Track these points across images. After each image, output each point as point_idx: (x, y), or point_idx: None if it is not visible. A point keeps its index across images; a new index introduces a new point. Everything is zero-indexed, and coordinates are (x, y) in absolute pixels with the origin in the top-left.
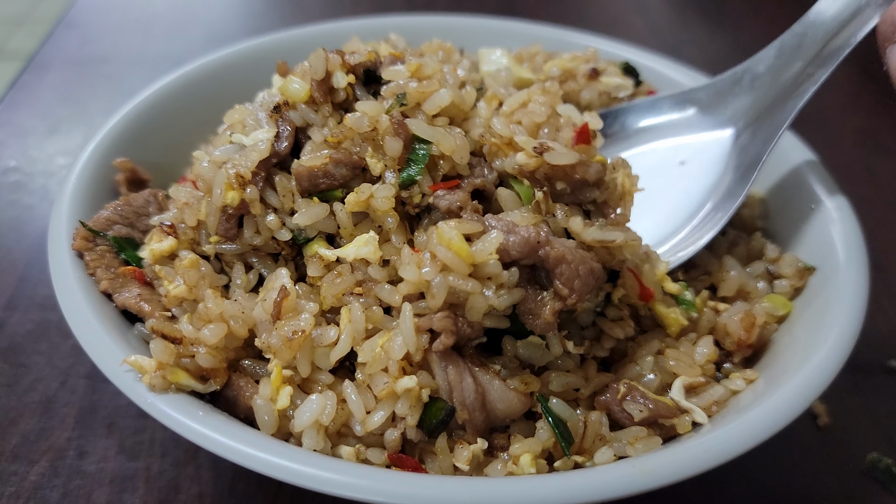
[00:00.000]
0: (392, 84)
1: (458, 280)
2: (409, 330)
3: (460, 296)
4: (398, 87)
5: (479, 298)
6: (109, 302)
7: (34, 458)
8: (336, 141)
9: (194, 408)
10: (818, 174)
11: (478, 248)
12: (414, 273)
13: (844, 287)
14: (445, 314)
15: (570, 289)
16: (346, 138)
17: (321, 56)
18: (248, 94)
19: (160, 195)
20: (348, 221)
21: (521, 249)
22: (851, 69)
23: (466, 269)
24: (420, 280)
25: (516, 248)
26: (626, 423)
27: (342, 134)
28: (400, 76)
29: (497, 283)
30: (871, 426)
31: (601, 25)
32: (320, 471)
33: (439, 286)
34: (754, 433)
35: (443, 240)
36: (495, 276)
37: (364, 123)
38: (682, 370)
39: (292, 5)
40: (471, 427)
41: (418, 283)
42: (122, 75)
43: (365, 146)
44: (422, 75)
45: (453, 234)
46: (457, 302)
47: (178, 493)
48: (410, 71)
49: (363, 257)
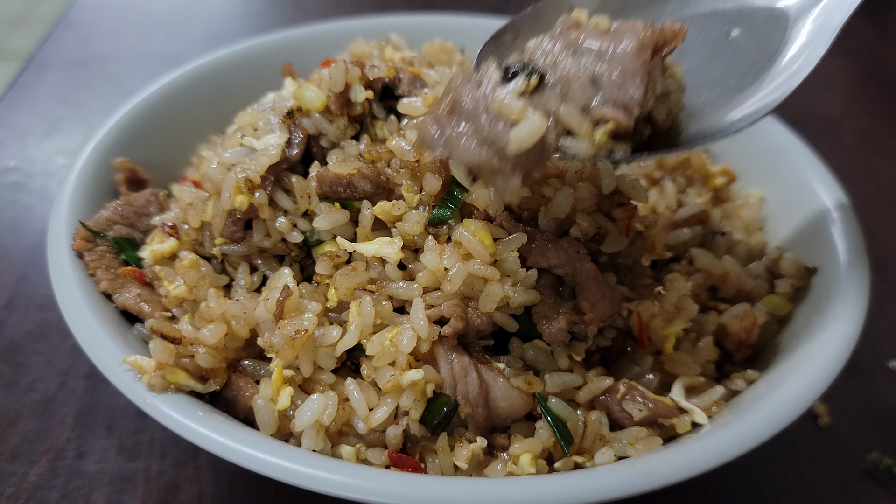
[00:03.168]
0: (413, 121)
1: (477, 266)
2: (419, 319)
3: (476, 287)
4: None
5: (495, 286)
6: (109, 302)
7: (33, 458)
8: (372, 159)
9: (194, 408)
10: (818, 174)
11: (500, 247)
12: (435, 260)
13: (845, 287)
14: (456, 301)
15: (592, 308)
16: (382, 159)
17: (341, 68)
18: (248, 95)
19: (161, 195)
20: (369, 224)
21: (560, 257)
22: (852, 69)
23: (488, 258)
24: (439, 268)
25: (554, 254)
26: (625, 423)
27: (380, 154)
28: (417, 111)
29: (514, 280)
30: (871, 426)
31: None
32: (319, 471)
33: (457, 272)
34: (755, 433)
35: (468, 228)
36: (513, 273)
37: (409, 152)
38: (683, 370)
39: (292, 5)
40: (472, 423)
41: (437, 272)
42: (121, 75)
43: (403, 173)
44: None
45: (479, 224)
46: (471, 294)
47: (178, 494)
48: (428, 105)
49: (382, 256)
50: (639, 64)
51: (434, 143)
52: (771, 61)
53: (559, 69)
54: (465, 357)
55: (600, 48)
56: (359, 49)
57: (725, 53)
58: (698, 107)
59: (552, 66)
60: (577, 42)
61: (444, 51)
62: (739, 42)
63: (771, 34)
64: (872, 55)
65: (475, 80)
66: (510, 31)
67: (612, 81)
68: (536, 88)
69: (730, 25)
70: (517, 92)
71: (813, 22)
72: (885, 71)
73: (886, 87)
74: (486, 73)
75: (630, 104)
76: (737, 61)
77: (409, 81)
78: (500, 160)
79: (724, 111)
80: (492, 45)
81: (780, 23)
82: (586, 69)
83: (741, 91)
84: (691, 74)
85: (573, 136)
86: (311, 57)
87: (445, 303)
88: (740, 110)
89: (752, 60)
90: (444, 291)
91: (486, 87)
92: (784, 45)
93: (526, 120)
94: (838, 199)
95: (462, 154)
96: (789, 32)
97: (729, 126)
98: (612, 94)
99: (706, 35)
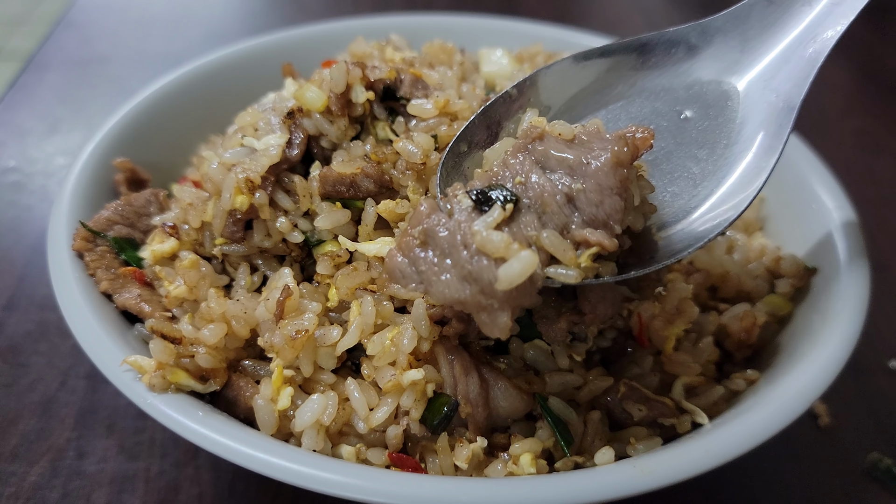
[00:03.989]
0: (423, 124)
1: None
2: (421, 318)
3: None
4: (428, 128)
5: None
6: (109, 302)
7: (34, 458)
8: (378, 160)
9: (194, 408)
10: (818, 174)
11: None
12: None
13: (845, 287)
14: None
15: (592, 309)
16: (388, 160)
17: (343, 69)
18: (247, 95)
19: (161, 195)
20: (372, 222)
21: None
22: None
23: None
24: None
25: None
26: (626, 423)
27: (386, 156)
28: (427, 114)
29: None
30: (871, 426)
31: (602, 25)
32: (320, 471)
33: None
34: (755, 433)
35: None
36: None
37: (417, 155)
38: (683, 370)
39: (293, 5)
40: (473, 423)
41: None
42: (121, 75)
43: (408, 174)
44: (449, 111)
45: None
46: None
47: (178, 494)
48: (438, 108)
49: (383, 256)
50: (615, 181)
51: (407, 278)
52: (728, 145)
53: (531, 189)
54: (465, 357)
55: (572, 162)
56: (359, 49)
57: (682, 138)
58: (665, 204)
59: (523, 185)
60: (545, 156)
61: (444, 51)
62: (694, 124)
63: (723, 112)
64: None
65: (444, 208)
66: (463, 140)
67: (590, 199)
68: (513, 213)
69: (682, 105)
70: (494, 223)
71: (766, 102)
72: (885, 71)
73: (886, 87)
74: (456, 200)
75: (610, 223)
76: (695, 146)
77: (411, 83)
78: (488, 297)
79: (691, 208)
80: (449, 157)
81: (731, 100)
82: (560, 187)
83: (703, 181)
84: (653, 166)
85: (558, 263)
86: (311, 57)
87: None
88: (706, 209)
89: (710, 144)
90: None
91: (459, 217)
92: (741, 125)
93: (516, 257)
94: (838, 199)
95: (442, 291)
96: (744, 111)
97: (700, 236)
98: (591, 212)
99: (660, 118)
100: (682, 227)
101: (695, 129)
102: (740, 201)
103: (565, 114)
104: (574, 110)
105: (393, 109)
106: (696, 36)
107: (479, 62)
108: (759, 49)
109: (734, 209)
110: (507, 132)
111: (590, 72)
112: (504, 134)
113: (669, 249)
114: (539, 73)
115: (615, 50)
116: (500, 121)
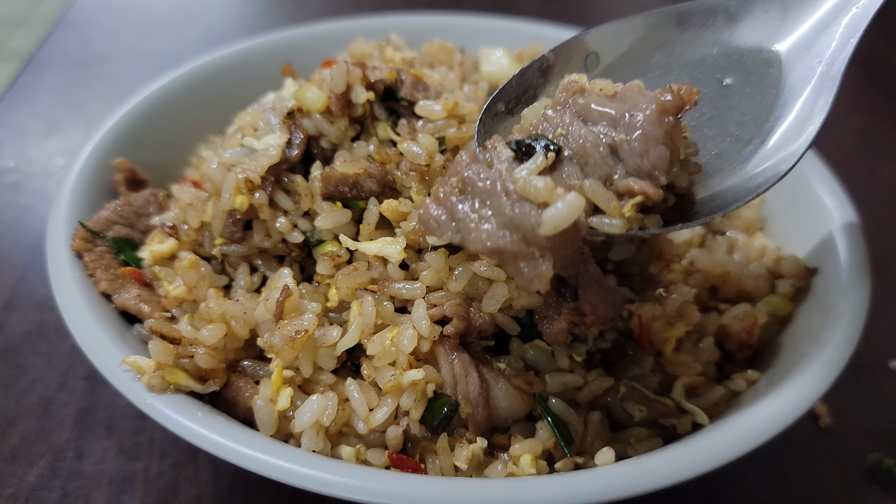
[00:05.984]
0: (430, 125)
1: (483, 267)
2: (421, 317)
3: (480, 287)
4: (436, 129)
5: (500, 287)
6: (108, 303)
7: (33, 459)
8: (381, 161)
9: (193, 409)
10: (819, 174)
11: None
12: (440, 260)
13: (846, 287)
14: (458, 301)
15: (593, 310)
16: (391, 161)
17: (343, 69)
18: (247, 95)
19: (160, 195)
20: (374, 221)
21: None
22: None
23: (493, 259)
24: (444, 267)
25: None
26: (626, 423)
27: (389, 157)
28: (436, 115)
29: None
30: (872, 427)
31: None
32: (319, 472)
33: (463, 272)
34: (756, 434)
35: None
36: None
37: (421, 156)
38: (683, 371)
39: (292, 5)
40: (473, 423)
41: (442, 271)
42: (120, 75)
43: (412, 175)
44: (457, 113)
45: None
46: (475, 295)
47: (178, 495)
48: (447, 110)
49: (384, 255)
50: (661, 130)
51: (442, 227)
52: (772, 109)
53: (573, 140)
54: (465, 357)
55: (615, 115)
56: (359, 49)
57: (724, 104)
58: (710, 164)
59: (565, 137)
60: (586, 109)
61: (444, 51)
62: (735, 90)
63: (765, 79)
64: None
65: (483, 158)
66: (500, 99)
67: (634, 149)
68: (554, 163)
69: (721, 73)
70: (537, 169)
71: (808, 67)
72: (885, 71)
73: (887, 86)
74: (496, 150)
75: (655, 173)
76: (737, 111)
77: (412, 84)
78: (529, 244)
79: (737, 167)
80: (486, 116)
81: (773, 67)
82: (603, 138)
83: (749, 143)
84: (695, 130)
85: (601, 214)
86: (311, 57)
87: (448, 302)
88: (754, 165)
89: (753, 109)
90: (448, 291)
91: (500, 166)
92: (783, 90)
93: (562, 199)
94: (838, 199)
95: (481, 239)
96: (785, 77)
97: (752, 189)
98: (635, 163)
99: (700, 85)
100: (730, 184)
101: (736, 95)
102: (790, 154)
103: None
104: (610, 78)
105: (393, 110)
106: (736, 4)
107: (479, 62)
108: (800, 16)
109: (785, 161)
110: (545, 95)
111: (626, 41)
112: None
113: (715, 204)
114: (575, 39)
115: (652, 18)
116: (537, 87)
